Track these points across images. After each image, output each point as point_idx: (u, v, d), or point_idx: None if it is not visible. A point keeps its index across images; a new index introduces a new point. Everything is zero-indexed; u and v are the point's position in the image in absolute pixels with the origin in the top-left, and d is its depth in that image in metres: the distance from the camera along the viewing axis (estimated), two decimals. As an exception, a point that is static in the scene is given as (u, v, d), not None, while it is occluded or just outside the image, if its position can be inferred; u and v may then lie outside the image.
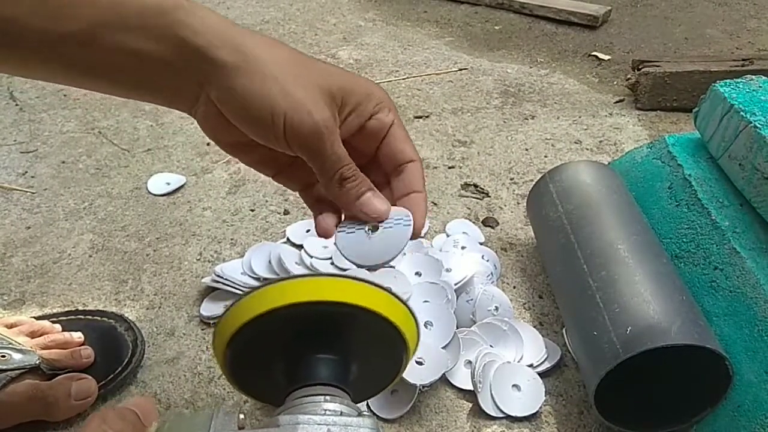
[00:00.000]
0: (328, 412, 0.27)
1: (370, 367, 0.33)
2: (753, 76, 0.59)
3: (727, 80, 0.58)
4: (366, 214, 0.35)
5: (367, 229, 0.36)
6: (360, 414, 0.28)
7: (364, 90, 0.34)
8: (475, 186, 0.81)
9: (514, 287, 0.65)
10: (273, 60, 0.31)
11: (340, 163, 0.33)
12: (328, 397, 0.28)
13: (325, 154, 0.33)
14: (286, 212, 0.75)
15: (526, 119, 0.99)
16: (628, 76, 1.06)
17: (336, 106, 0.33)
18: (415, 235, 0.36)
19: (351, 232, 0.36)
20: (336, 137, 0.33)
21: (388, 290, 0.29)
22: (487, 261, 0.65)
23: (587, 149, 0.91)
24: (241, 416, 0.27)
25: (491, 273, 0.63)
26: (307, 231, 0.69)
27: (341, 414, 0.27)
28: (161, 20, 0.30)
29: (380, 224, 0.36)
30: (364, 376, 0.32)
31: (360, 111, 0.34)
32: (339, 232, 0.37)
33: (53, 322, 0.55)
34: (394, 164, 0.37)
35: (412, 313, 0.31)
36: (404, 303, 0.30)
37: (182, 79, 0.32)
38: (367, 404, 0.51)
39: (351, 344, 0.31)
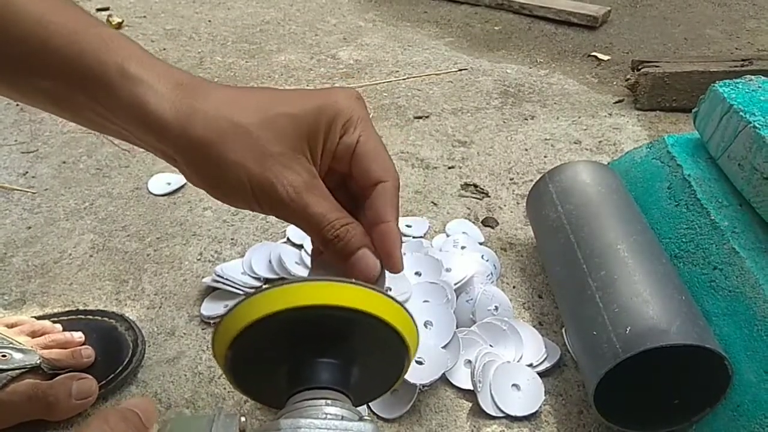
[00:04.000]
0: (329, 417, 0.27)
1: (372, 371, 0.33)
2: (752, 77, 0.59)
3: (727, 80, 0.58)
4: (356, 275, 0.33)
5: None
6: (361, 418, 0.28)
7: (328, 117, 0.32)
8: (475, 186, 0.81)
9: (514, 287, 0.65)
10: (227, 137, 0.30)
11: (321, 223, 0.31)
12: (329, 401, 0.28)
13: (304, 218, 0.31)
14: (286, 212, 0.76)
15: (526, 119, 0.99)
16: (628, 77, 1.06)
17: (308, 159, 0.32)
18: (392, 270, 0.34)
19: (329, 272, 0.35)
20: (314, 194, 0.31)
21: (389, 295, 0.30)
22: (487, 261, 0.65)
23: (587, 149, 0.91)
24: (243, 419, 0.27)
25: (491, 273, 0.64)
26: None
27: (342, 418, 0.27)
28: (112, 92, 0.29)
29: None
30: (365, 379, 0.32)
31: (329, 144, 0.32)
32: (316, 264, 0.35)
33: (54, 321, 0.55)
34: (365, 184, 0.34)
35: (413, 318, 0.31)
36: (405, 308, 0.30)
37: (151, 149, 0.31)
38: (367, 404, 0.51)
39: (353, 348, 0.31)
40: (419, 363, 0.51)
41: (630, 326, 0.46)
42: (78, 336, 0.53)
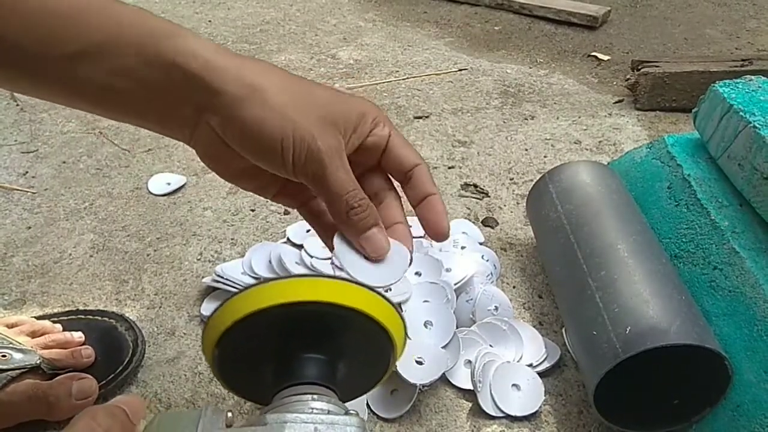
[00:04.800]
0: (315, 411, 0.27)
1: (358, 367, 0.33)
2: (752, 77, 0.59)
3: (727, 80, 0.58)
4: (366, 251, 0.34)
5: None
6: (347, 412, 0.28)
7: (360, 110, 0.35)
8: (475, 186, 0.81)
9: (514, 287, 0.65)
10: (276, 89, 0.32)
11: (346, 188, 0.33)
12: (315, 396, 0.28)
13: (332, 180, 0.32)
14: (286, 212, 0.76)
15: (526, 119, 0.99)
16: (628, 77, 1.06)
17: (340, 133, 0.33)
18: (441, 237, 0.36)
19: (351, 247, 0.35)
20: (343, 163, 0.33)
21: (376, 291, 0.30)
22: (487, 261, 0.65)
23: (587, 149, 0.91)
24: (229, 414, 0.27)
25: (491, 273, 0.64)
26: (308, 231, 0.69)
27: (328, 413, 0.27)
28: (157, 46, 0.30)
29: None
30: (351, 375, 0.32)
31: (359, 132, 0.35)
32: (339, 241, 0.36)
33: (54, 321, 0.55)
34: (401, 171, 0.37)
35: (399, 313, 0.31)
36: (391, 303, 0.30)
37: (179, 107, 0.32)
38: (367, 403, 0.51)
39: (338, 344, 0.31)
40: (419, 363, 0.51)
41: (630, 326, 0.46)
42: (78, 336, 0.53)
